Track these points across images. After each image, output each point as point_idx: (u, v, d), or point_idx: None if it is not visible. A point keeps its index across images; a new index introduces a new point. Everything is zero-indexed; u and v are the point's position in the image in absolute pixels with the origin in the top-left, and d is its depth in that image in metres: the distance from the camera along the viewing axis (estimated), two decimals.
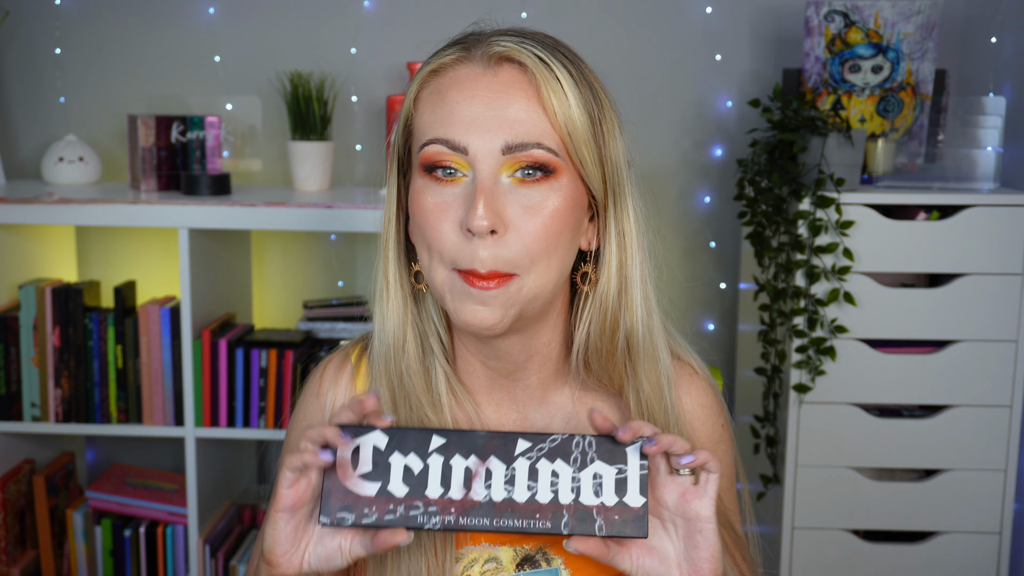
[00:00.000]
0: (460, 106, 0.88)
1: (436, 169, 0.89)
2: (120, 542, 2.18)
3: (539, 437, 0.86)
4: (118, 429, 2.08)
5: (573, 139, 0.88)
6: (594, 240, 0.96)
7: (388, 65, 2.36)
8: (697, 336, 2.44)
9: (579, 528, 0.84)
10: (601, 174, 0.92)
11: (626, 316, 0.95)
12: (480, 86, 0.88)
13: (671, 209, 2.40)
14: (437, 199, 0.89)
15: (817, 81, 2.11)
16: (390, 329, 0.97)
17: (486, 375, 1.00)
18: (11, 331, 2.05)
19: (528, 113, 0.87)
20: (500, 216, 0.87)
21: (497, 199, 0.87)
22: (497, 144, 0.87)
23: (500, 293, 0.88)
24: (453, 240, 0.88)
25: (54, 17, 2.37)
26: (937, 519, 2.02)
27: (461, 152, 0.88)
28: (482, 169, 0.87)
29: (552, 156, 0.88)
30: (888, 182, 2.03)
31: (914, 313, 1.97)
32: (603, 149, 0.91)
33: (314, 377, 1.07)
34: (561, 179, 0.89)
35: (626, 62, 2.35)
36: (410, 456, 0.85)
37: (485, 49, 0.90)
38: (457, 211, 0.88)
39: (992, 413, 1.99)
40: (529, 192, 0.88)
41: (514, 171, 0.88)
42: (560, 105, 0.87)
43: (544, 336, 0.97)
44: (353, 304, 2.29)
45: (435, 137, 0.89)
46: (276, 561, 0.87)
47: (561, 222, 0.89)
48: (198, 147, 2.20)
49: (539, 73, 0.88)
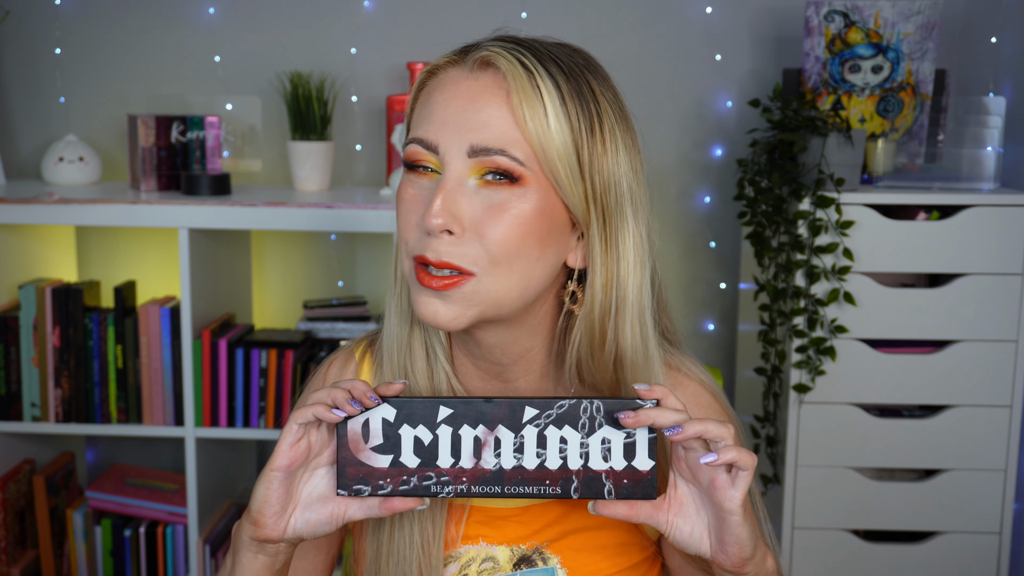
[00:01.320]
0: (439, 107, 0.89)
1: (416, 167, 0.91)
2: (120, 542, 2.18)
3: (546, 403, 0.86)
4: (118, 429, 2.08)
5: (546, 151, 0.87)
6: (582, 260, 0.93)
7: (388, 65, 2.36)
8: (697, 336, 2.44)
9: (588, 492, 0.86)
10: (583, 191, 0.89)
11: (618, 338, 0.93)
12: (460, 89, 0.89)
13: (671, 209, 2.40)
14: (412, 192, 0.91)
15: (817, 81, 2.11)
16: (393, 327, 0.99)
17: (478, 376, 1.00)
18: (11, 331, 2.05)
19: (498, 119, 0.87)
20: (457, 218, 0.87)
21: (458, 201, 0.87)
22: (463, 146, 0.87)
23: (455, 292, 0.88)
24: (415, 233, 0.89)
25: (54, 17, 2.37)
26: (937, 519, 2.02)
27: (433, 151, 0.89)
28: (449, 169, 0.88)
29: (516, 165, 0.86)
30: (888, 182, 2.03)
31: (914, 313, 1.97)
32: (591, 164, 0.89)
33: (321, 368, 1.09)
34: (527, 188, 0.87)
35: (626, 62, 2.35)
36: (419, 428, 0.86)
37: (476, 53, 0.90)
38: (423, 205, 0.89)
39: (992, 413, 1.99)
40: (492, 193, 0.87)
41: (481, 175, 0.87)
42: (532, 115, 0.86)
43: (524, 342, 0.96)
44: (353, 304, 2.29)
45: (414, 136, 0.90)
46: (263, 522, 0.87)
47: (523, 228, 0.87)
48: (198, 147, 2.20)
49: (515, 80, 0.86)
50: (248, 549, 0.89)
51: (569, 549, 0.98)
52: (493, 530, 0.99)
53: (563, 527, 0.98)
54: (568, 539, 0.98)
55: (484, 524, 0.99)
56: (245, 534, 0.89)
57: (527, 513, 0.99)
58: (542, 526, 0.98)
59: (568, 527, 0.98)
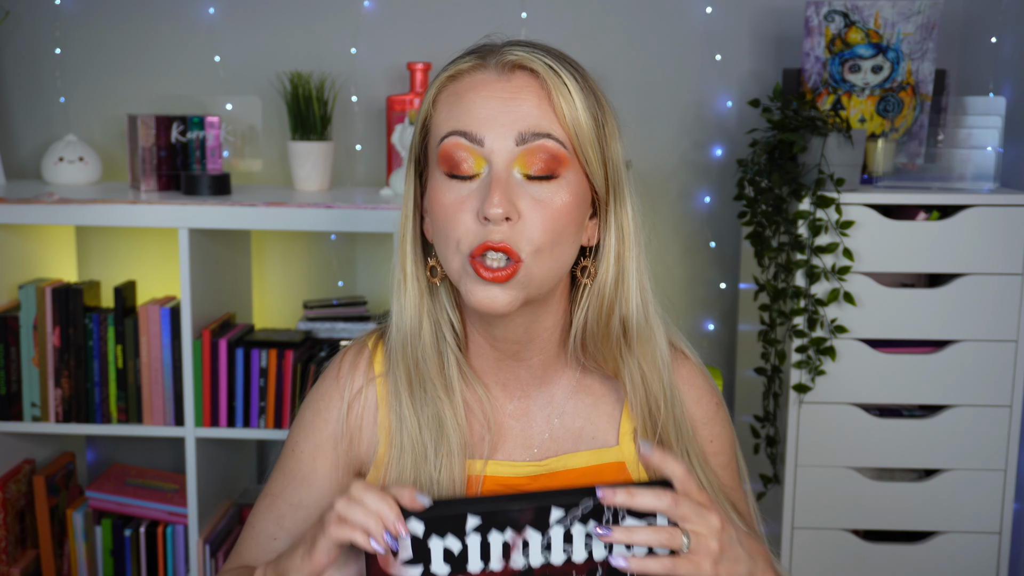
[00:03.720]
0: (477, 105, 0.97)
1: (456, 166, 0.96)
2: (120, 542, 2.18)
3: (572, 501, 0.89)
4: (118, 429, 2.08)
5: (580, 138, 0.97)
6: (594, 236, 1.04)
7: (388, 65, 2.36)
8: (697, 336, 2.44)
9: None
10: (604, 172, 1.00)
11: (622, 303, 1.03)
12: (495, 89, 0.97)
13: (671, 209, 2.40)
14: (455, 196, 0.97)
15: (817, 81, 2.11)
16: (407, 318, 1.05)
17: (494, 356, 1.06)
18: (11, 331, 2.05)
19: (539, 110, 0.96)
20: (513, 205, 0.94)
21: (511, 190, 0.95)
22: (511, 137, 0.95)
23: (511, 281, 0.95)
24: (470, 227, 0.95)
25: (54, 17, 2.37)
26: (937, 519, 2.02)
27: (478, 144, 0.96)
28: (497, 162, 0.95)
29: (561, 148, 0.96)
30: (888, 182, 2.03)
31: (914, 313, 1.97)
32: (605, 150, 1.00)
33: (335, 362, 1.12)
34: (568, 175, 0.97)
35: (626, 62, 2.35)
36: (448, 538, 0.88)
37: (499, 58, 0.98)
38: (474, 203, 0.95)
39: (992, 413, 1.99)
40: (538, 188, 0.96)
41: (526, 167, 0.95)
42: (568, 107, 0.96)
43: (545, 321, 1.04)
44: (353, 304, 2.29)
45: (454, 129, 0.97)
46: None
47: (567, 217, 0.97)
48: (198, 147, 2.20)
49: (549, 79, 0.96)
50: None
51: None
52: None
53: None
54: None
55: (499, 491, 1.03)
56: None
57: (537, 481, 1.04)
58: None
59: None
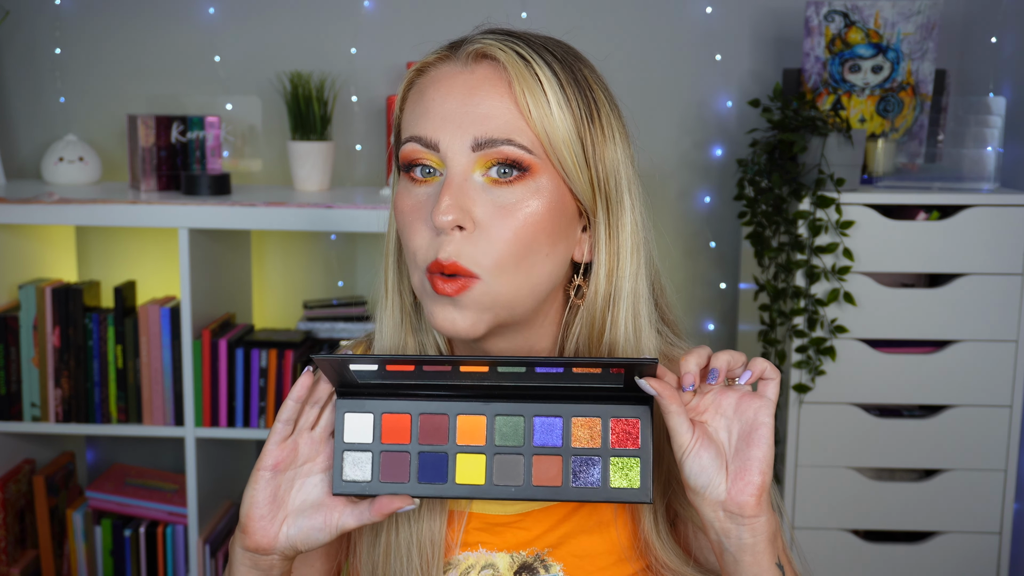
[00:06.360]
0: (435, 103, 0.87)
1: (413, 168, 0.88)
2: (120, 542, 2.18)
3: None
4: (118, 429, 2.08)
5: (551, 138, 0.85)
6: (587, 253, 0.92)
7: (388, 65, 2.36)
8: (697, 336, 2.44)
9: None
10: (589, 179, 0.88)
11: (611, 329, 0.91)
12: (456, 83, 0.87)
13: (671, 209, 2.40)
14: (412, 200, 0.88)
15: (817, 81, 2.11)
16: (387, 337, 0.97)
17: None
18: (11, 331, 2.05)
19: (500, 110, 0.85)
20: (467, 212, 0.84)
21: (466, 196, 0.85)
22: (467, 140, 0.85)
23: (465, 297, 0.85)
24: (425, 237, 0.86)
25: (54, 17, 2.37)
26: (937, 519, 2.02)
27: (433, 149, 0.86)
28: (452, 165, 0.85)
29: (524, 153, 0.84)
30: (888, 182, 2.03)
31: (914, 313, 1.97)
32: (590, 154, 0.87)
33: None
34: (539, 179, 0.86)
35: (626, 62, 2.35)
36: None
37: (467, 47, 0.88)
38: (429, 209, 0.86)
39: (992, 413, 1.99)
40: (503, 192, 0.85)
41: (487, 169, 0.85)
42: (535, 102, 0.84)
43: (536, 346, 0.95)
44: (353, 304, 2.29)
45: (410, 135, 0.88)
46: (252, 527, 0.86)
47: (535, 227, 0.85)
48: (198, 147, 2.20)
49: (514, 69, 0.85)
50: (242, 563, 0.88)
51: (571, 555, 0.96)
52: (492, 536, 0.97)
53: (563, 531, 0.97)
54: (569, 544, 0.96)
55: (483, 531, 0.97)
56: (238, 545, 0.87)
57: (527, 519, 0.97)
58: (542, 531, 0.97)
59: (568, 531, 0.97)
